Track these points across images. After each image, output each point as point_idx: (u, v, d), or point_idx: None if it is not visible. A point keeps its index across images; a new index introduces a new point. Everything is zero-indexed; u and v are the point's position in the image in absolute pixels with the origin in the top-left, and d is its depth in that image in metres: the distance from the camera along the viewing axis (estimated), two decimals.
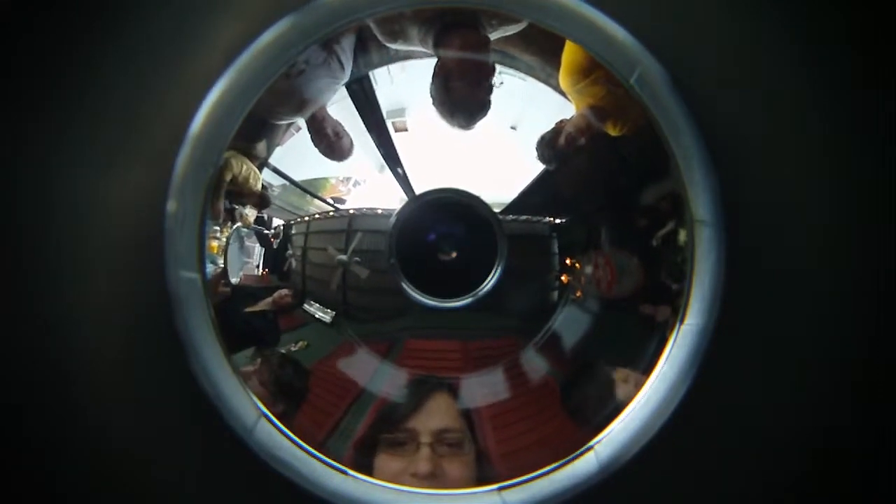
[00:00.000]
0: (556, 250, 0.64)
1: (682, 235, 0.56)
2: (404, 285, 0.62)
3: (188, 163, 0.52)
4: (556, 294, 0.63)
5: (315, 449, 0.54)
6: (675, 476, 0.54)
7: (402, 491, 0.54)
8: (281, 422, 0.54)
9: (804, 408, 0.54)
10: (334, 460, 0.54)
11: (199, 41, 0.54)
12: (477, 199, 0.62)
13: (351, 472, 0.54)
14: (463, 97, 0.62)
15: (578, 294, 0.63)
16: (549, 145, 0.62)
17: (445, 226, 0.63)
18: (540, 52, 0.60)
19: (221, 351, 0.53)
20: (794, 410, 0.54)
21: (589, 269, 0.63)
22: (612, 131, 0.61)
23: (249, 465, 0.52)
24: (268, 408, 0.54)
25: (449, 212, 0.62)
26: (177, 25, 0.54)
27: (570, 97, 0.61)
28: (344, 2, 0.53)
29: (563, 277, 0.64)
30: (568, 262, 0.64)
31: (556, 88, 0.62)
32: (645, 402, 0.54)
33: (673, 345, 0.54)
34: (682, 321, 0.54)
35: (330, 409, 0.61)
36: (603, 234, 0.64)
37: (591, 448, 0.54)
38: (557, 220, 0.64)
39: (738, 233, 0.53)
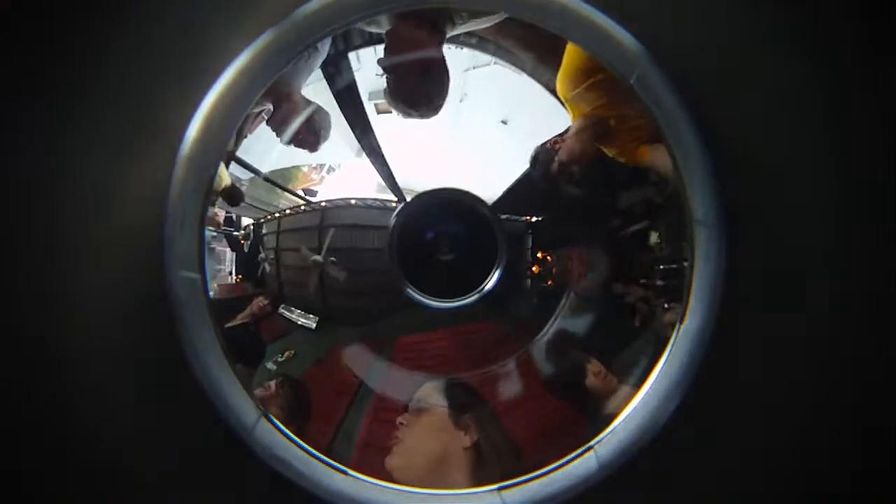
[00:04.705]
0: (530, 245, 0.62)
1: (653, 237, 0.58)
2: (409, 290, 0.61)
3: (188, 162, 0.52)
4: (528, 282, 0.63)
5: (322, 454, 0.54)
6: (675, 476, 0.54)
7: (402, 491, 0.54)
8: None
9: (804, 408, 0.54)
10: (340, 463, 0.54)
11: (202, 41, 0.54)
12: (478, 199, 0.62)
13: (351, 472, 0.54)
14: (404, 92, 0.59)
15: (549, 283, 0.63)
16: (542, 165, 0.61)
17: (445, 226, 0.62)
18: (536, 49, 0.59)
19: (221, 351, 0.53)
20: (794, 411, 0.54)
21: (559, 264, 0.63)
22: (609, 151, 0.61)
23: (249, 465, 0.53)
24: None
25: (448, 212, 0.62)
26: (180, 25, 0.54)
27: (567, 106, 0.61)
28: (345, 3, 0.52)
29: (534, 269, 0.63)
30: (539, 255, 0.63)
31: (551, 89, 0.61)
32: (645, 401, 0.54)
33: (673, 345, 0.54)
34: (681, 321, 0.54)
35: (330, 412, 0.59)
36: (577, 231, 0.63)
37: (591, 448, 0.54)
38: (534, 219, 0.63)
39: (738, 233, 0.53)
